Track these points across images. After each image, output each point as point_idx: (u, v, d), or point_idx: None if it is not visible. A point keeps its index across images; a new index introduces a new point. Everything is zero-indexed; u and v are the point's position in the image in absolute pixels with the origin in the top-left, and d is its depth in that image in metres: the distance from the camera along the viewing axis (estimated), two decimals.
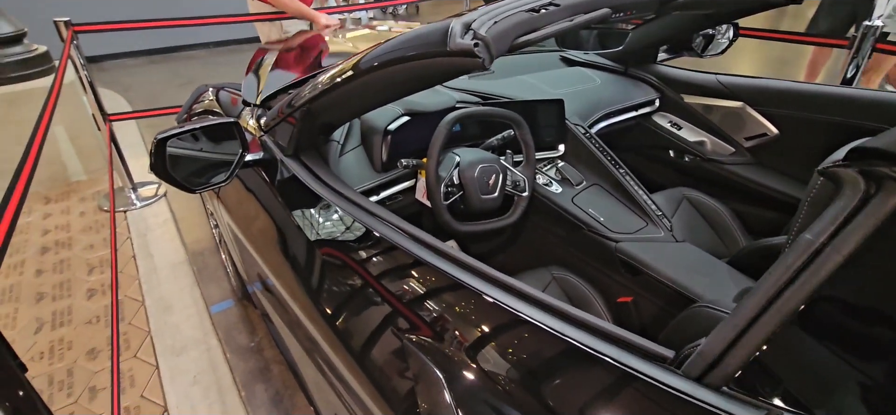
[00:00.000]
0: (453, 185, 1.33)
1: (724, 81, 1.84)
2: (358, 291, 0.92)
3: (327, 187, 1.12)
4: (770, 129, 1.72)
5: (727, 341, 0.47)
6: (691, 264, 1.27)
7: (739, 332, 0.46)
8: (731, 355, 0.47)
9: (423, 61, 0.92)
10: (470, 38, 0.86)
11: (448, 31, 0.88)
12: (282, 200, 1.19)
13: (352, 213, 1.02)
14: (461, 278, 0.79)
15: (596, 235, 1.40)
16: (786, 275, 0.45)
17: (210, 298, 2.09)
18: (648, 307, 1.28)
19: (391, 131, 1.41)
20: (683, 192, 1.77)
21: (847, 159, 0.48)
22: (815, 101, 1.60)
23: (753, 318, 0.46)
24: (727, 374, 0.47)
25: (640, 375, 0.53)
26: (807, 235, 0.45)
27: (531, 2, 1.04)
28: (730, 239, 1.66)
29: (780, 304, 0.45)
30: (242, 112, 1.61)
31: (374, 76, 1.00)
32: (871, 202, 0.42)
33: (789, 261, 0.45)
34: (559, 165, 1.62)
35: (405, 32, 1.02)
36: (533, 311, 0.69)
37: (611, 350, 0.57)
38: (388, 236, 0.93)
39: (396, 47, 0.97)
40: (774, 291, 0.45)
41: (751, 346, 0.45)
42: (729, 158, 1.83)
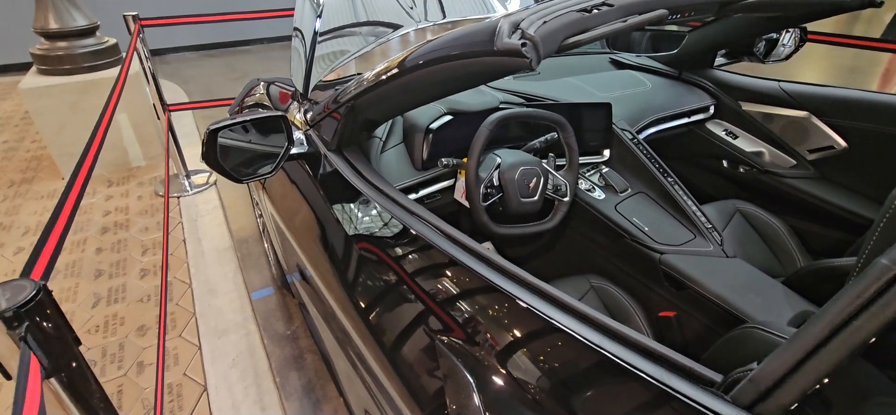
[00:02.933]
0: (493, 186, 1.31)
1: (788, 89, 1.73)
2: (392, 288, 0.91)
3: (367, 183, 1.13)
4: (838, 141, 1.60)
5: (784, 368, 0.43)
6: (742, 282, 1.19)
7: (799, 360, 0.42)
8: (788, 384, 0.42)
9: (469, 60, 0.91)
10: (517, 38, 0.84)
11: (496, 31, 0.86)
12: (323, 193, 1.21)
13: (390, 210, 1.02)
14: (496, 282, 0.77)
15: (639, 246, 1.34)
16: (857, 301, 0.40)
17: (252, 285, 2.16)
18: (692, 324, 1.22)
19: (433, 130, 1.41)
20: (737, 204, 1.67)
21: None
22: (890, 114, 1.47)
23: (816, 346, 0.41)
24: (782, 405, 0.43)
25: (685, 398, 0.49)
26: (884, 259, 0.40)
27: (583, 1, 1.01)
28: (786, 258, 1.55)
29: (848, 333, 0.40)
30: (291, 106, 1.65)
31: (418, 75, 1.00)
32: None
33: (862, 286, 0.41)
34: (603, 171, 1.57)
35: (452, 31, 1.01)
36: (569, 320, 0.66)
37: (652, 368, 0.54)
38: (424, 235, 0.92)
39: (442, 46, 0.96)
40: (843, 319, 0.41)
41: (811, 377, 0.41)
42: (789, 170, 1.71)
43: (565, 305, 0.67)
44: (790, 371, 0.42)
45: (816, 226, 1.59)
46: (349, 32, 1.71)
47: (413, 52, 1.02)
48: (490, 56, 0.86)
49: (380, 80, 1.07)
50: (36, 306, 0.60)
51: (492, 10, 1.80)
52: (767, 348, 0.93)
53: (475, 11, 1.80)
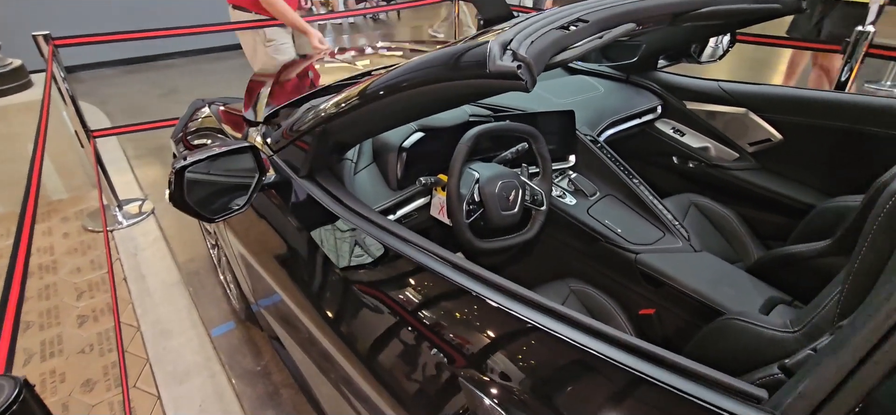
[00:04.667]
0: (474, 202, 1.31)
1: (726, 88, 1.86)
2: (379, 311, 0.89)
3: (345, 207, 1.09)
4: (774, 134, 1.74)
5: (836, 380, 0.45)
6: (713, 274, 1.27)
7: (850, 370, 0.44)
8: (839, 398, 0.45)
9: (461, 82, 0.90)
10: (510, 59, 0.84)
11: (488, 53, 0.86)
12: (298, 221, 1.16)
13: (371, 232, 1.00)
14: (490, 297, 0.77)
15: (614, 247, 1.39)
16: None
17: (210, 321, 2.01)
18: (671, 319, 1.28)
19: (406, 148, 1.38)
20: (690, 198, 1.78)
21: None
22: (819, 107, 1.63)
23: (867, 354, 0.44)
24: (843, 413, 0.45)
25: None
26: None
27: (560, 19, 1.03)
28: (739, 244, 1.67)
29: (893, 342, 0.43)
30: (248, 131, 1.56)
31: (400, 96, 0.97)
32: None
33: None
34: (572, 176, 1.61)
35: (432, 53, 0.99)
36: (590, 341, 0.66)
37: (693, 388, 0.55)
38: (410, 255, 0.90)
39: (426, 67, 0.94)
40: (888, 328, 0.43)
41: (865, 387, 0.43)
42: (733, 163, 1.85)
43: (588, 327, 0.68)
44: (842, 383, 0.45)
45: (761, 213, 1.73)
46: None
47: (394, 73, 1.00)
48: (484, 79, 0.85)
49: (356, 103, 1.04)
50: (21, 408, 0.52)
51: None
52: (746, 336, 1.00)
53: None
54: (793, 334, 0.92)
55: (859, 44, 2.03)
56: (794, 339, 0.91)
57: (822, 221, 1.44)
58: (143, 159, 3.57)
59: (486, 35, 1.04)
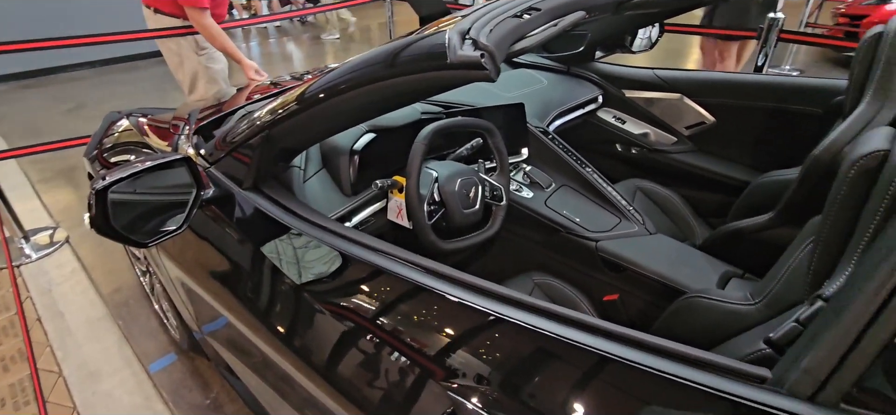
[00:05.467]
0: (434, 202, 1.26)
1: (662, 75, 1.95)
2: (342, 324, 0.83)
3: (299, 218, 1.01)
4: (707, 117, 1.85)
5: (838, 354, 0.46)
6: (669, 255, 1.31)
7: (852, 342, 0.45)
8: (844, 369, 0.45)
9: (420, 76, 0.85)
10: (471, 48, 0.80)
11: (447, 43, 0.82)
12: (246, 236, 1.06)
13: (329, 242, 0.93)
14: (460, 297, 0.74)
15: (574, 237, 1.41)
16: (893, 280, 0.44)
17: (146, 356, 1.82)
18: (635, 303, 1.31)
19: (358, 151, 1.32)
20: (636, 183, 1.85)
21: None
22: (746, 90, 1.74)
23: (865, 325, 0.44)
24: (841, 391, 0.45)
25: (746, 400, 0.50)
26: None
27: (513, 8, 1.01)
28: (684, 224, 1.75)
29: (890, 311, 0.44)
30: (178, 142, 1.42)
31: (353, 95, 0.91)
32: None
33: (890, 266, 0.44)
34: (526, 170, 1.61)
35: (382, 48, 0.94)
36: (584, 336, 0.64)
37: (700, 376, 0.54)
38: (373, 262, 0.85)
39: (379, 62, 0.89)
40: (884, 298, 0.44)
41: (866, 357, 0.44)
42: (672, 147, 1.94)
43: (580, 323, 0.66)
44: (845, 355, 0.45)
45: (701, 192, 1.83)
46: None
47: (344, 70, 0.93)
48: (446, 70, 0.81)
49: (304, 105, 0.97)
50: None
51: None
52: (712, 312, 1.03)
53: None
54: (754, 305, 0.96)
55: (772, 30, 2.20)
56: (757, 310, 0.95)
57: (757, 196, 1.54)
58: (50, 183, 3.19)
59: (436, 27, 1.00)
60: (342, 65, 0.99)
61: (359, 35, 7.86)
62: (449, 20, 1.05)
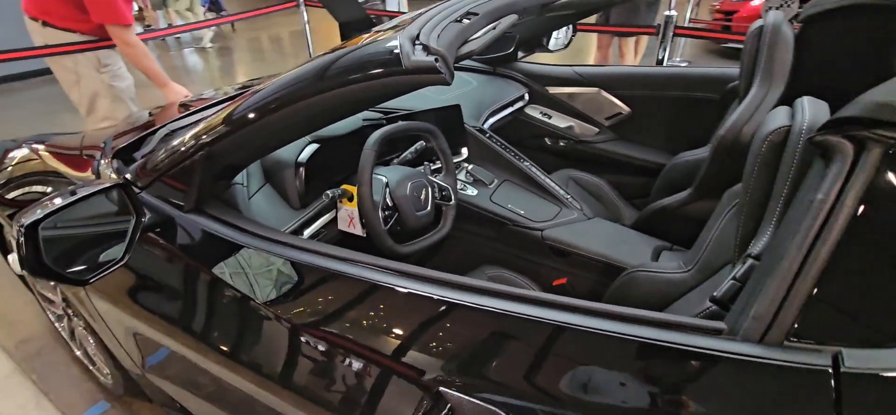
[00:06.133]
0: (388, 207, 1.27)
1: (580, 72, 2.11)
2: (308, 336, 0.83)
3: (253, 235, 0.98)
4: (624, 108, 2.03)
5: (778, 300, 0.54)
6: (608, 237, 1.43)
7: (787, 290, 0.54)
8: (784, 311, 0.54)
9: (374, 83, 0.87)
10: (423, 54, 0.84)
11: (398, 49, 0.85)
12: (195, 260, 1.01)
13: (286, 255, 0.91)
14: (428, 292, 0.76)
15: (521, 228, 1.49)
16: (812, 232, 0.53)
17: (72, 408, 1.64)
18: (582, 284, 1.41)
19: (304, 163, 1.30)
20: (568, 173, 1.98)
21: (829, 130, 0.59)
22: (654, 82, 1.93)
23: (795, 275, 0.54)
24: (784, 329, 0.54)
25: (711, 351, 0.58)
26: (819, 195, 0.54)
27: (452, 13, 1.06)
28: (613, 206, 1.91)
29: (813, 257, 0.53)
30: (99, 167, 1.30)
31: (302, 106, 0.91)
32: (862, 159, 0.53)
33: (809, 221, 0.54)
34: (469, 168, 1.67)
35: (328, 56, 0.94)
36: (557, 314, 0.69)
37: (666, 335, 0.61)
38: (338, 270, 0.85)
39: (329, 72, 0.90)
40: (807, 248, 0.54)
41: (799, 300, 0.53)
42: (596, 137, 2.10)
43: (543, 301, 0.70)
44: (783, 301, 0.54)
45: (625, 176, 2.00)
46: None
47: (290, 80, 0.93)
48: (402, 75, 0.84)
49: (250, 119, 0.94)
50: None
51: None
52: (652, 283, 1.15)
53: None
54: (688, 272, 1.08)
55: (669, 26, 2.46)
56: (690, 276, 1.07)
57: (673, 175, 1.72)
58: None
59: (377, 35, 1.03)
60: (286, 76, 0.98)
61: (246, 44, 7.52)
62: (386, 28, 1.08)
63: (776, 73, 1.27)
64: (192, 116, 1.61)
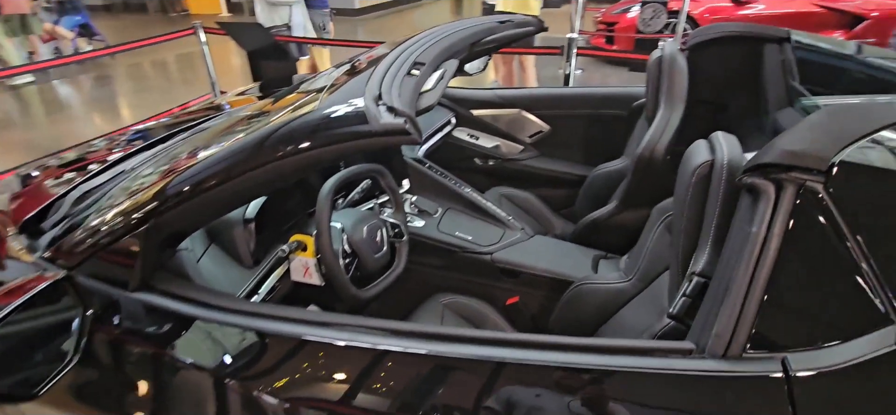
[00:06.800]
0: (347, 255, 1.27)
1: (501, 94, 2.24)
2: (287, 405, 0.81)
3: (207, 306, 0.93)
4: (543, 126, 2.19)
5: (734, 318, 0.65)
6: (551, 253, 1.55)
7: (740, 309, 0.65)
8: (740, 328, 0.65)
9: (342, 146, 0.88)
10: (391, 115, 0.87)
11: (365, 112, 0.87)
12: (151, 344, 0.93)
13: (252, 325, 0.88)
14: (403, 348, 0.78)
15: (471, 254, 1.55)
16: (752, 260, 0.65)
17: None
18: (533, 300, 1.51)
19: (252, 219, 1.25)
20: (499, 191, 2.10)
21: (753, 173, 0.71)
22: (568, 101, 2.12)
23: (744, 296, 0.65)
24: (741, 343, 0.65)
25: (685, 371, 0.67)
26: (753, 228, 0.66)
27: (403, 65, 1.10)
28: (544, 219, 2.06)
29: (756, 280, 0.65)
30: (8, 245, 1.14)
31: (270, 168, 0.90)
32: (781, 197, 0.66)
33: (748, 249, 0.66)
34: (412, 200, 1.70)
35: (292, 119, 0.94)
36: (544, 355, 0.74)
37: (642, 362, 0.70)
38: (303, 334, 0.84)
39: (296, 135, 0.90)
40: (751, 273, 0.65)
41: (750, 317, 0.65)
42: (521, 154, 2.25)
43: (526, 343, 0.76)
44: (738, 319, 0.65)
45: (551, 190, 2.16)
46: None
47: (255, 142, 0.92)
48: (371, 138, 0.86)
49: (206, 186, 0.91)
50: None
51: None
52: (598, 294, 1.27)
53: None
54: (629, 282, 1.22)
55: (572, 47, 2.70)
56: (632, 285, 1.21)
57: (595, 186, 1.90)
58: None
59: (326, 93, 1.05)
60: (245, 140, 0.95)
61: (126, 72, 6.88)
62: (321, 87, 1.09)
63: (676, 96, 1.47)
64: (102, 172, 1.46)
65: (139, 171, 1.29)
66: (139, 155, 1.55)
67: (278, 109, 1.39)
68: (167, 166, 1.13)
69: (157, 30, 3.69)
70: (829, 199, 0.63)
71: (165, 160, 1.24)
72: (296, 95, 1.56)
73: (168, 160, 1.22)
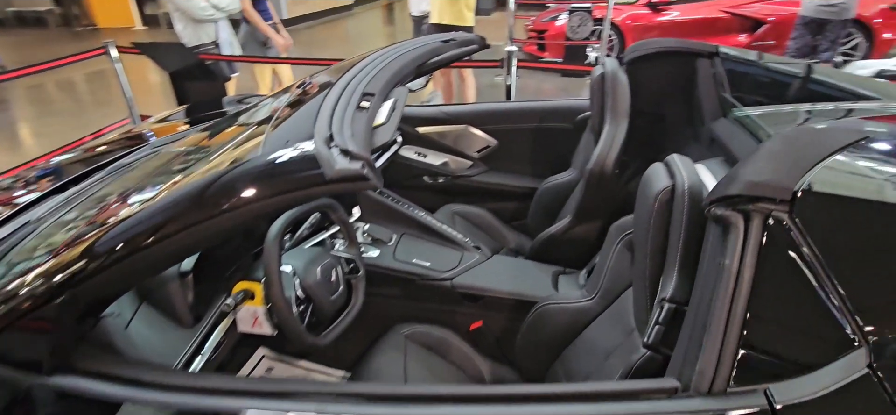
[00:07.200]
0: (300, 300, 1.18)
1: (446, 110, 2.22)
2: None
3: (144, 386, 0.81)
4: (491, 141, 2.19)
5: (716, 353, 0.65)
6: (511, 273, 1.54)
7: (721, 344, 0.65)
8: (722, 363, 0.65)
9: (294, 195, 0.81)
10: (346, 160, 0.81)
11: (319, 158, 0.81)
12: None
13: (193, 404, 0.79)
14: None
15: (431, 282, 1.50)
16: (729, 292, 0.66)
17: None
18: (496, 324, 1.49)
19: (189, 271, 1.13)
20: (451, 208, 2.07)
21: (720, 204, 0.72)
22: (514, 115, 2.14)
23: (724, 330, 0.65)
24: (725, 377, 0.65)
25: (675, 412, 0.66)
26: (726, 260, 0.67)
27: (351, 99, 1.04)
28: (497, 234, 2.05)
29: (733, 313, 0.66)
30: None
31: (213, 223, 0.81)
32: (750, 227, 0.67)
33: (724, 282, 0.67)
34: (365, 228, 1.63)
35: (237, 164, 0.86)
36: (531, 409, 0.71)
37: (631, 407, 0.68)
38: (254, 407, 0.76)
39: (238, 186, 0.82)
40: (728, 306, 0.66)
41: (731, 350, 0.65)
42: (470, 170, 2.23)
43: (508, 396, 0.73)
44: (720, 355, 0.65)
45: (502, 203, 2.17)
46: None
47: (191, 193, 0.83)
48: (325, 185, 0.80)
49: (138, 246, 0.81)
50: None
51: None
52: (562, 314, 1.27)
53: None
54: (593, 300, 1.22)
55: (512, 60, 2.73)
56: (595, 303, 1.21)
57: (546, 199, 1.92)
58: None
59: (271, 127, 0.97)
60: (177, 192, 0.86)
61: (25, 95, 6.23)
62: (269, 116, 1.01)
63: (620, 110, 1.51)
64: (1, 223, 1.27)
65: (50, 222, 1.13)
66: (49, 200, 1.37)
67: (217, 145, 1.27)
68: (87, 218, 1.00)
69: (62, 48, 3.33)
70: (794, 226, 0.65)
71: (84, 209, 1.09)
72: (235, 130, 1.45)
73: (87, 209, 1.08)
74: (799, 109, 1.33)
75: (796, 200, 0.65)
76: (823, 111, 1.30)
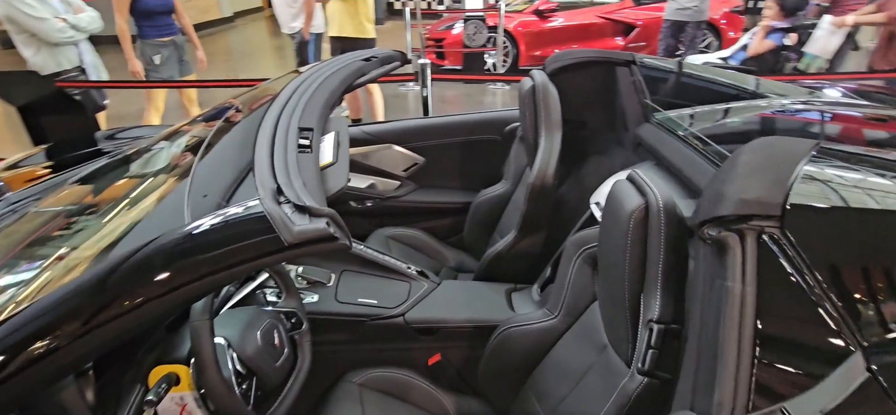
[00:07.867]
0: (241, 376, 1.00)
1: (367, 130, 2.10)
2: None
3: None
4: (417, 158, 2.11)
5: (732, 383, 0.64)
6: (464, 298, 1.47)
7: (736, 372, 0.64)
8: (739, 389, 0.64)
9: (248, 265, 0.68)
10: (306, 219, 0.70)
11: (271, 220, 0.68)
12: None
13: None
14: None
15: (381, 320, 1.39)
16: (736, 316, 0.65)
17: None
18: (456, 354, 1.41)
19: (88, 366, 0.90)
20: (384, 233, 1.96)
21: (712, 225, 0.72)
22: (441, 130, 2.08)
23: (737, 357, 0.64)
24: (743, 403, 0.63)
25: None
26: (728, 282, 0.67)
27: (290, 140, 0.93)
28: (435, 253, 1.98)
29: (744, 337, 0.65)
30: None
31: (137, 314, 0.66)
32: (746, 246, 0.67)
33: (728, 304, 0.66)
34: (299, 271, 1.46)
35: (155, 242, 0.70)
36: None
37: None
38: None
39: (173, 258, 0.67)
40: (738, 331, 0.65)
41: (746, 378, 0.64)
42: (398, 190, 2.13)
43: None
44: (736, 387, 0.64)
45: (436, 221, 2.10)
46: None
47: (99, 275, 0.67)
48: (289, 250, 0.68)
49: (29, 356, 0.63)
50: None
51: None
52: (526, 336, 1.23)
53: None
54: (556, 318, 1.20)
55: (425, 72, 2.68)
56: (560, 321, 1.19)
57: (481, 212, 1.90)
58: None
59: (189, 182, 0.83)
60: (75, 266, 0.68)
61: None
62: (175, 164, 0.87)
63: (554, 122, 1.52)
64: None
65: None
66: None
67: (112, 201, 1.05)
68: None
69: None
70: (786, 241, 0.66)
71: None
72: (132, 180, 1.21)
73: None
74: (715, 108, 1.44)
75: (786, 214, 0.67)
76: (740, 108, 1.42)
